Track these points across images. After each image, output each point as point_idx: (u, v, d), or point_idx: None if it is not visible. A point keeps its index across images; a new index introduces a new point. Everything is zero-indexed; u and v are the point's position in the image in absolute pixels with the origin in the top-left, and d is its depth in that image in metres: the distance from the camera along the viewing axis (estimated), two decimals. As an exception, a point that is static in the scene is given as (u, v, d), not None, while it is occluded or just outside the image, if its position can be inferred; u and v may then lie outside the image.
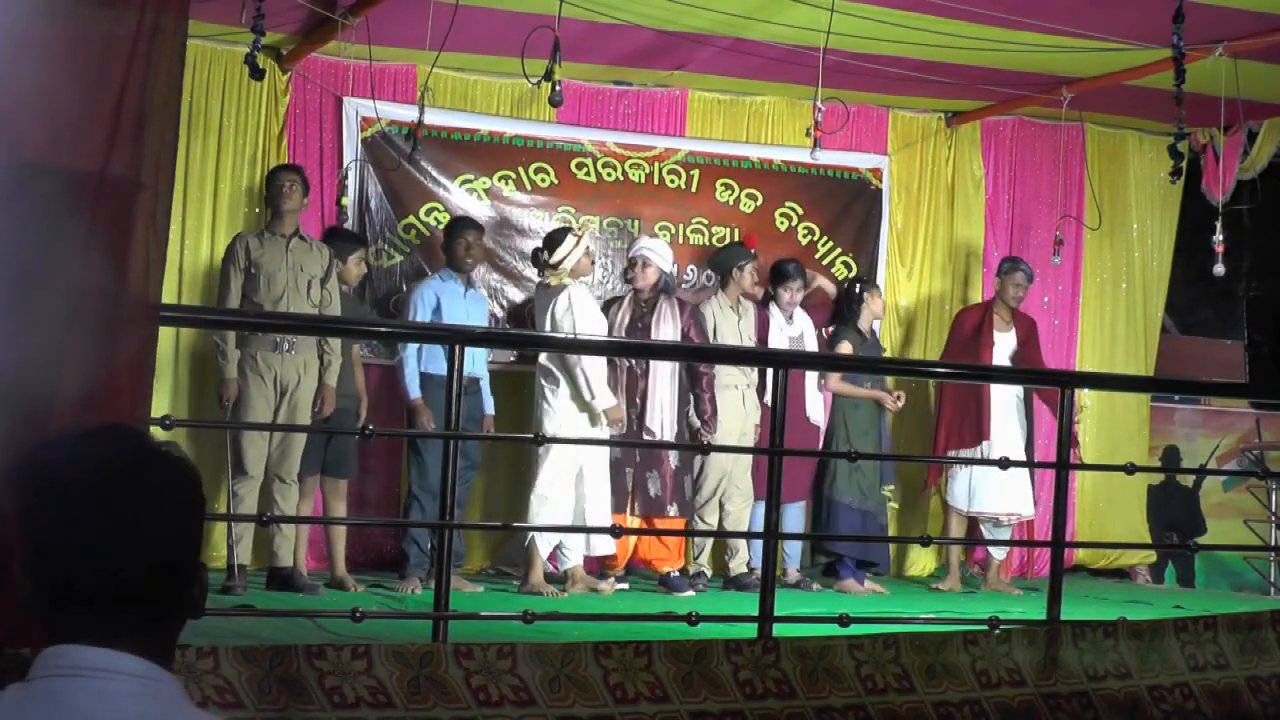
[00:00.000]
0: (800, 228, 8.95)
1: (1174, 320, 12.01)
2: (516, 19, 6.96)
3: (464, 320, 7.17)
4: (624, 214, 8.63)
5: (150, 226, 3.83)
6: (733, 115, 8.94)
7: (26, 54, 3.56)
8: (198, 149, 7.86)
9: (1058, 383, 6.53)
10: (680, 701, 4.54)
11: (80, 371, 3.72)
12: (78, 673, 1.71)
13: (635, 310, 7.58)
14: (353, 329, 6.81)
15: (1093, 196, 9.18)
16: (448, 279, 7.41)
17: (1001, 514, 8.16)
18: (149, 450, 1.80)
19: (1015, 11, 6.93)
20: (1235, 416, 11.80)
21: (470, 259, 7.43)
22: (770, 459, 5.29)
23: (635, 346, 7.32)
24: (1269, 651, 5.52)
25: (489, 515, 8.02)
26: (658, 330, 7.49)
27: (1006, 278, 8.27)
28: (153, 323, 3.89)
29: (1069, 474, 6.71)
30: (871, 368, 8.00)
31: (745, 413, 7.77)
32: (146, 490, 1.76)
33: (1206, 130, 9.01)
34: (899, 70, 7.95)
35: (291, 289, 6.86)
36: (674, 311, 7.57)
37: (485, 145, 8.37)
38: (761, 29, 7.43)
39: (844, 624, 5.07)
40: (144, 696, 1.71)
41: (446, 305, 7.27)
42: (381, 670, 4.22)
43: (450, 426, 4.84)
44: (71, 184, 3.74)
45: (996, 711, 4.99)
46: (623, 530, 7.16)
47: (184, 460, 1.82)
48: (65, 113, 3.74)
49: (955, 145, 9.32)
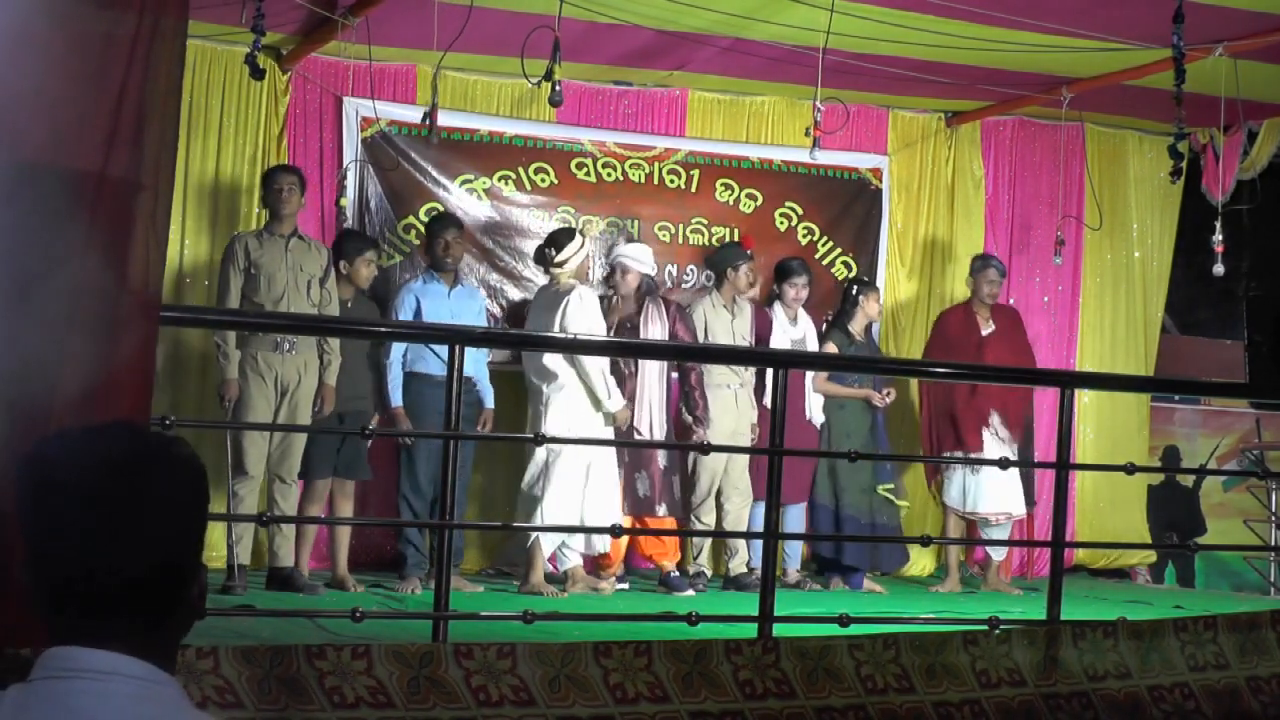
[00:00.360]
0: (800, 228, 8.95)
1: (1174, 320, 12.01)
2: (516, 19, 6.96)
3: (448, 319, 7.17)
4: (624, 214, 8.64)
5: (150, 226, 3.83)
6: (732, 115, 8.94)
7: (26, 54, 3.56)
8: (198, 149, 7.87)
9: (1058, 383, 6.52)
10: (680, 701, 4.54)
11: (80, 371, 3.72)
12: (78, 674, 1.71)
13: (622, 312, 7.58)
14: (353, 329, 6.81)
15: (1093, 196, 9.17)
16: (430, 280, 7.43)
17: (991, 514, 8.15)
18: (150, 448, 1.79)
19: (1015, 11, 6.93)
20: (1235, 416, 11.81)
21: (450, 258, 7.42)
22: (770, 459, 5.30)
23: (635, 346, 7.31)
24: (1269, 651, 5.52)
25: (484, 515, 8.02)
26: (645, 331, 7.49)
27: (979, 275, 8.26)
28: (153, 323, 3.89)
29: (1069, 474, 6.72)
30: (870, 368, 8.00)
31: (739, 412, 7.76)
32: (146, 490, 1.75)
33: (1206, 130, 9.01)
34: (899, 70, 7.95)
35: (292, 289, 6.86)
36: (660, 312, 7.56)
37: (485, 145, 8.37)
38: (761, 29, 7.43)
39: (844, 624, 5.07)
40: (143, 698, 1.71)
41: (427, 306, 7.28)
42: (381, 670, 4.22)
43: (449, 427, 4.84)
44: (71, 184, 3.74)
45: (996, 711, 4.99)
46: (623, 530, 7.16)
47: (188, 458, 1.80)
48: (65, 113, 3.74)
49: (955, 145, 9.32)
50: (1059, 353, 9.39)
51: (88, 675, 1.70)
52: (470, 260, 8.15)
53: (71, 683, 1.70)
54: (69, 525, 1.72)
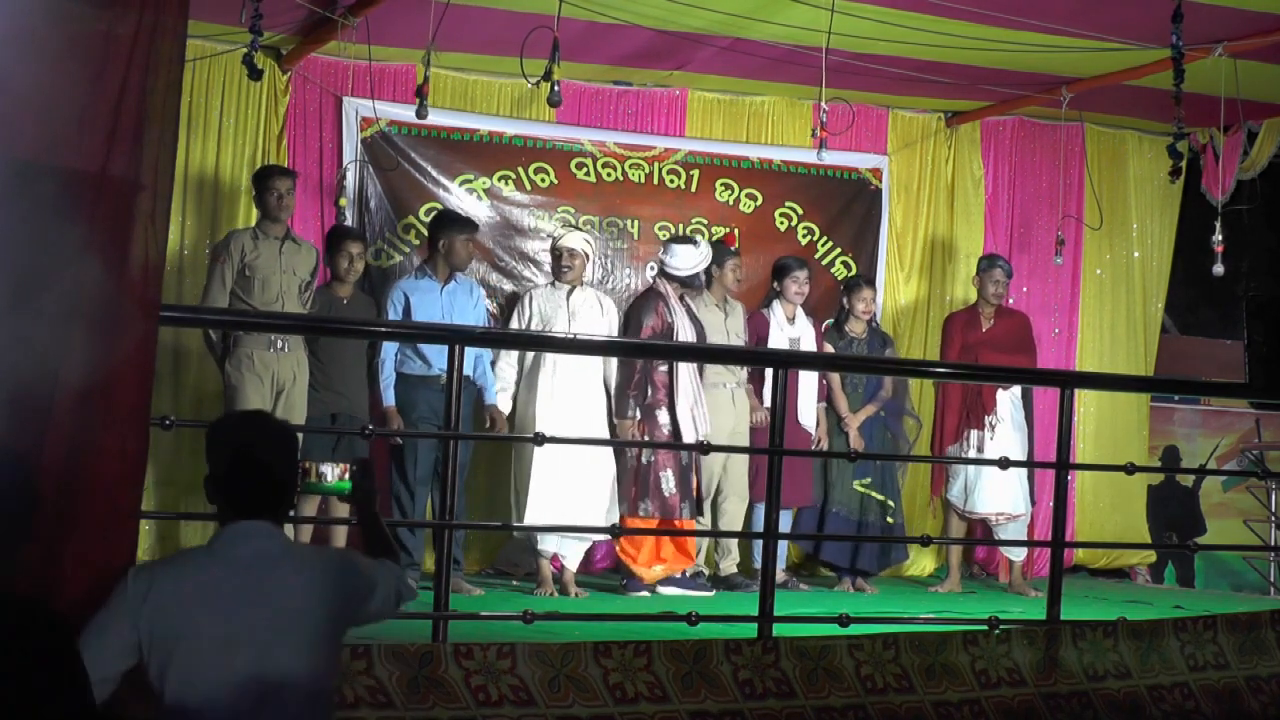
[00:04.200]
0: (800, 228, 8.95)
1: (1174, 320, 12.02)
2: (516, 19, 6.96)
3: (438, 316, 7.17)
4: (624, 214, 8.64)
5: (150, 226, 3.83)
6: (732, 115, 8.94)
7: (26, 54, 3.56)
8: (198, 149, 7.86)
9: (1058, 383, 6.52)
10: (680, 701, 4.54)
11: (80, 371, 3.72)
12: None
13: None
14: (353, 329, 6.81)
15: (1093, 196, 9.17)
16: (421, 276, 7.40)
17: (991, 514, 8.15)
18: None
19: (1015, 11, 6.93)
20: (1235, 416, 11.82)
21: (453, 261, 7.34)
22: (770, 459, 5.29)
23: (635, 346, 7.30)
24: (1269, 651, 5.53)
25: (485, 515, 8.00)
26: (681, 333, 7.47)
27: (985, 275, 8.25)
28: (153, 323, 3.89)
29: (1069, 474, 6.71)
30: (871, 367, 8.00)
31: (736, 412, 7.75)
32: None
33: (1206, 130, 9.01)
34: (899, 70, 7.95)
35: (285, 291, 6.86)
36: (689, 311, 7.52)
37: (485, 145, 8.37)
38: (761, 29, 7.43)
39: (844, 624, 5.07)
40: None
41: (417, 302, 7.23)
42: (381, 670, 4.22)
43: (449, 427, 4.85)
44: (71, 184, 3.73)
45: (996, 711, 4.99)
46: (624, 530, 7.15)
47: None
48: (65, 113, 3.74)
49: (955, 145, 9.32)
50: (1059, 352, 9.39)
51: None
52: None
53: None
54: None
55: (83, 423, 3.77)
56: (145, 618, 3.21)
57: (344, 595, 3.37)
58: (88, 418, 3.78)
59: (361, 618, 3.46)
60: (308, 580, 3.30)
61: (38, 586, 3.72)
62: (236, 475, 3.34)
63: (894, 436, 8.14)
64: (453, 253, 7.31)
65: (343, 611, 3.36)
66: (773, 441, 5.23)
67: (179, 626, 3.20)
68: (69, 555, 3.74)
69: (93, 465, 3.80)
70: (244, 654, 3.18)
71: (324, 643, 3.30)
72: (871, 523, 7.94)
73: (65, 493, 3.76)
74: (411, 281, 7.38)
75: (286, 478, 3.41)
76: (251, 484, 3.34)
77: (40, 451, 3.71)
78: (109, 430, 3.83)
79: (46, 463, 3.71)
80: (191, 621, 3.20)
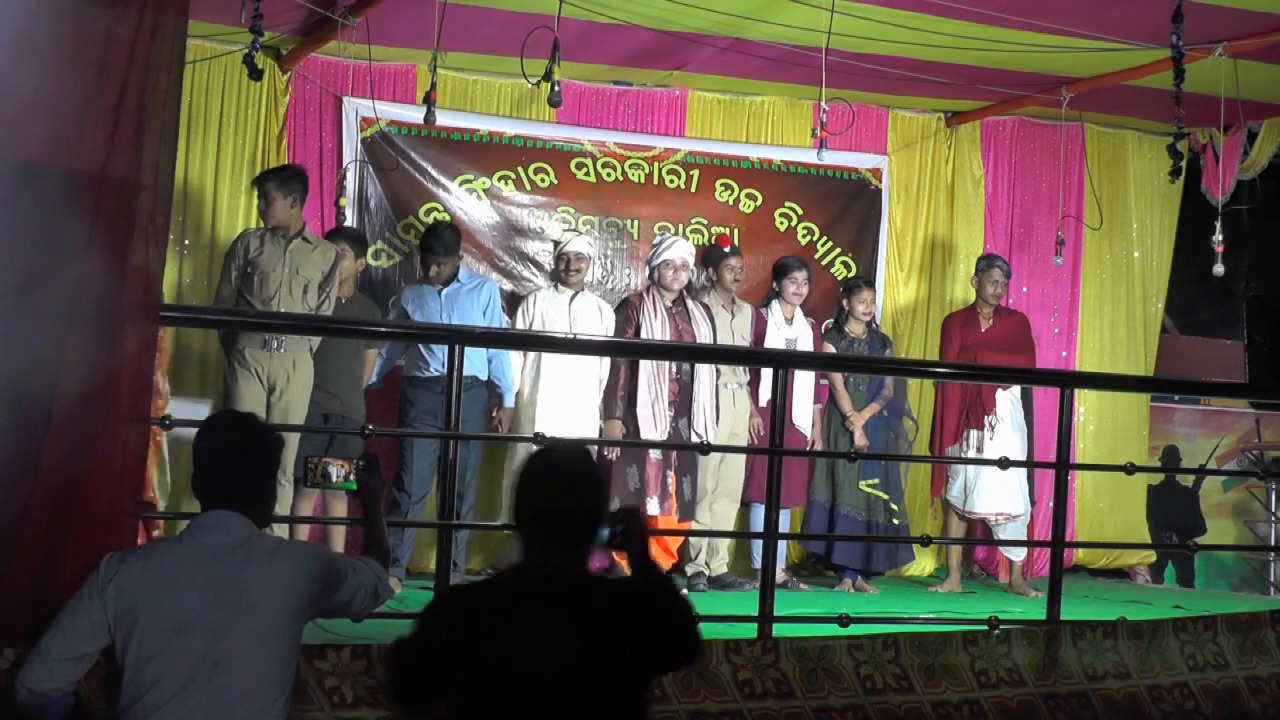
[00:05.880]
0: (800, 228, 8.95)
1: (1174, 320, 12.02)
2: (516, 19, 6.97)
3: (436, 317, 7.20)
4: (623, 214, 8.64)
5: (150, 226, 3.84)
6: (732, 115, 8.94)
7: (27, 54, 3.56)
8: (198, 149, 7.86)
9: (1058, 383, 6.51)
10: (679, 702, 4.54)
11: (80, 371, 3.73)
12: None
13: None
14: (352, 329, 6.80)
15: (1092, 196, 9.17)
16: (420, 283, 7.48)
17: (991, 514, 8.14)
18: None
19: (1015, 11, 6.93)
20: (1235, 416, 11.82)
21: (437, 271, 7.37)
22: (770, 459, 5.29)
23: (634, 346, 7.30)
24: (1268, 651, 5.53)
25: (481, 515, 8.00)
26: (698, 333, 7.57)
27: (983, 275, 8.24)
28: (153, 323, 3.90)
29: (1069, 474, 6.71)
30: (871, 368, 7.99)
31: (736, 412, 7.75)
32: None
33: (1206, 130, 9.01)
34: (899, 70, 7.95)
35: (284, 290, 6.81)
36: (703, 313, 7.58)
37: (485, 145, 8.37)
38: (761, 29, 7.43)
39: (843, 624, 5.07)
40: None
41: (414, 310, 7.33)
42: (381, 670, 4.22)
43: (449, 427, 4.84)
44: (71, 184, 3.74)
45: (996, 711, 4.99)
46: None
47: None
48: (65, 113, 3.74)
49: (955, 145, 9.32)
50: (1059, 353, 9.39)
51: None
52: (470, 260, 8.15)
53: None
54: None
55: (83, 420, 3.78)
56: (111, 599, 3.50)
57: (307, 585, 3.60)
58: (88, 416, 3.78)
59: (327, 609, 3.73)
60: (269, 569, 3.55)
61: (37, 582, 3.73)
62: (202, 469, 3.67)
63: (896, 436, 8.15)
64: (437, 263, 7.32)
65: (305, 601, 3.61)
66: (773, 441, 5.23)
67: (139, 608, 3.49)
68: (68, 552, 3.75)
69: (93, 464, 3.81)
70: (196, 637, 3.44)
71: (282, 630, 3.54)
72: (880, 523, 7.95)
73: (65, 491, 3.77)
74: (410, 293, 7.45)
75: (253, 473, 3.68)
76: (215, 477, 3.65)
77: (41, 449, 3.72)
78: (109, 428, 3.84)
79: (47, 460, 3.72)
80: (151, 604, 3.49)
